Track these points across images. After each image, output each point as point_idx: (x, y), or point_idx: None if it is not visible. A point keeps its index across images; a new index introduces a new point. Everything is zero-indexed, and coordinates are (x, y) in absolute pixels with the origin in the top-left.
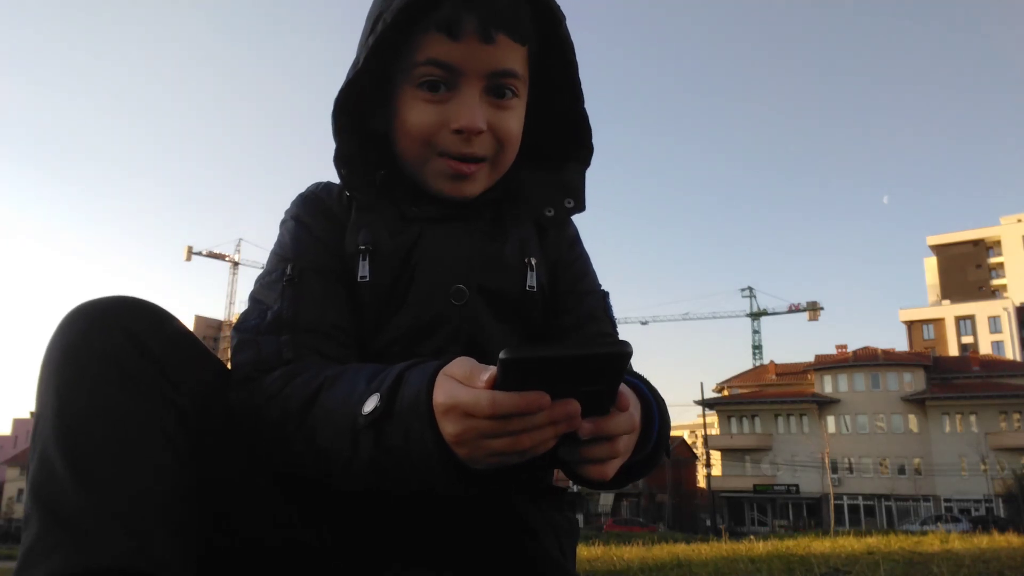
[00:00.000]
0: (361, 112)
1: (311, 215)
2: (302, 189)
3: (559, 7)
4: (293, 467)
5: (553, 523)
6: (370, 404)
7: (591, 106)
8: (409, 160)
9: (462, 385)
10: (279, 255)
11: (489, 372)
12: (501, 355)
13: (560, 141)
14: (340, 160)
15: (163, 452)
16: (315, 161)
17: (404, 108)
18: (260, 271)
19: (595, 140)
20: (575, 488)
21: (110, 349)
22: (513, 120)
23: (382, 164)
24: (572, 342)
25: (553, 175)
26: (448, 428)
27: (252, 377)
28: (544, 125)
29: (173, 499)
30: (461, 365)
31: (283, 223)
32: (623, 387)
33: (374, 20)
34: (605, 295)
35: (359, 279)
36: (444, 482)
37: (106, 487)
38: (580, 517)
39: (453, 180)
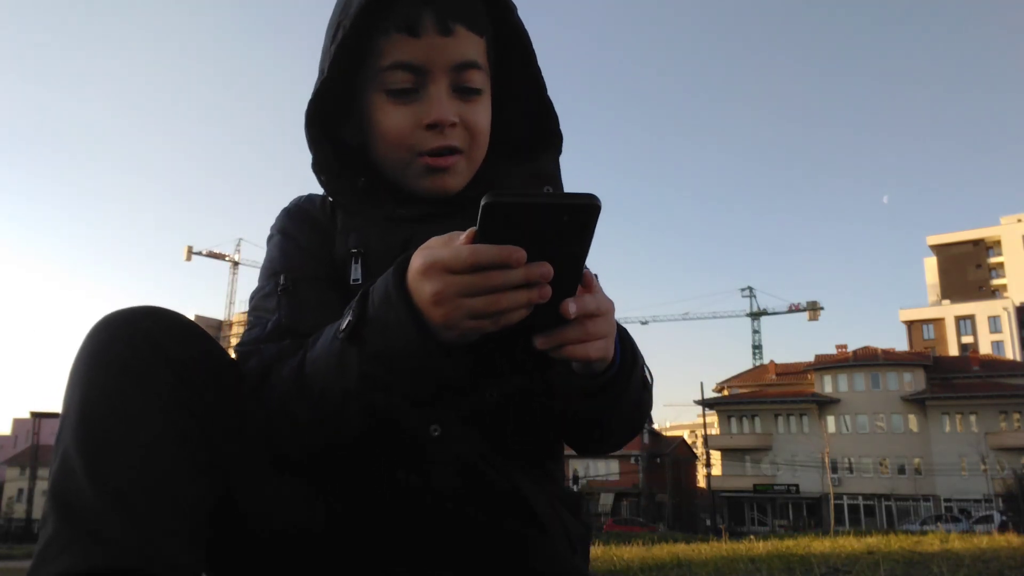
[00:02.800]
0: (334, 122)
1: (296, 227)
2: (300, 188)
3: None
4: (304, 445)
5: (566, 526)
6: (344, 322)
7: (594, 105)
8: (389, 166)
9: (441, 247)
10: (269, 270)
11: (466, 233)
12: (484, 200)
13: (531, 132)
14: (318, 167)
15: (180, 458)
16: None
17: (376, 114)
18: (255, 286)
19: (597, 139)
20: (576, 488)
21: (133, 357)
22: (481, 112)
23: (361, 172)
24: (547, 192)
25: (529, 165)
26: (426, 288)
27: (259, 384)
28: (513, 117)
29: (187, 504)
30: (437, 237)
31: (269, 238)
32: (589, 273)
33: (334, 29)
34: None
35: (352, 282)
36: (429, 362)
37: (123, 490)
38: None
39: (433, 175)
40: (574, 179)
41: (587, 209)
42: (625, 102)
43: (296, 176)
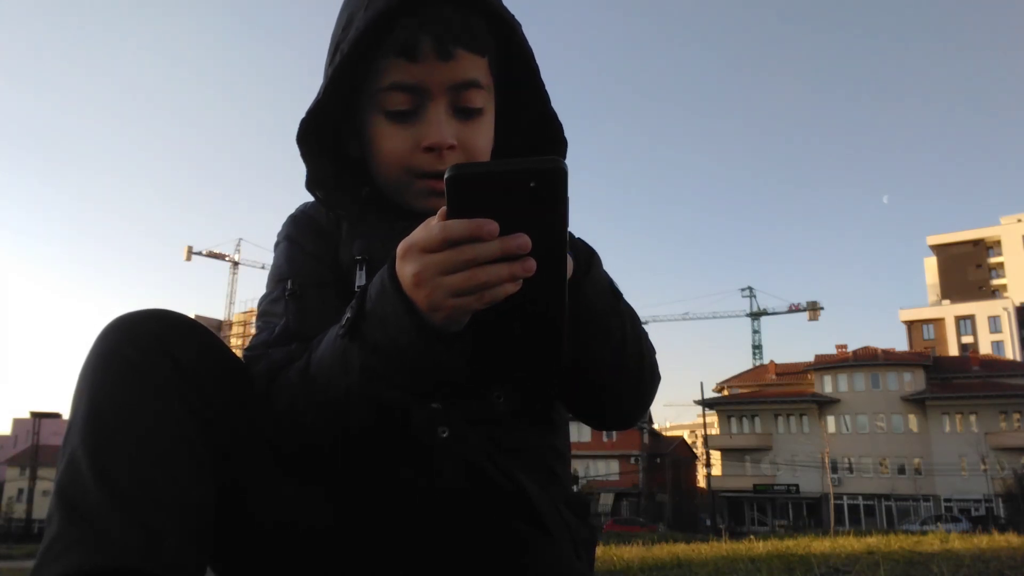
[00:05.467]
0: (335, 135)
1: (302, 234)
2: (300, 189)
3: (512, 16)
4: (312, 445)
5: (571, 529)
6: (344, 319)
7: (597, 104)
8: (388, 185)
9: (417, 230)
10: (276, 277)
11: (439, 212)
12: (446, 174)
13: (534, 138)
14: (313, 184)
15: (185, 459)
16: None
17: (375, 135)
18: (263, 292)
19: (598, 138)
20: (577, 487)
21: (141, 359)
22: (481, 136)
23: (363, 183)
24: (512, 160)
25: None
26: (406, 270)
27: (267, 387)
28: (517, 124)
29: (193, 504)
30: (420, 226)
31: (276, 245)
32: None
33: (333, 50)
34: None
35: (357, 289)
36: (426, 350)
37: (127, 490)
38: None
39: (432, 196)
40: (576, 180)
41: (552, 173)
42: (626, 104)
43: (296, 177)
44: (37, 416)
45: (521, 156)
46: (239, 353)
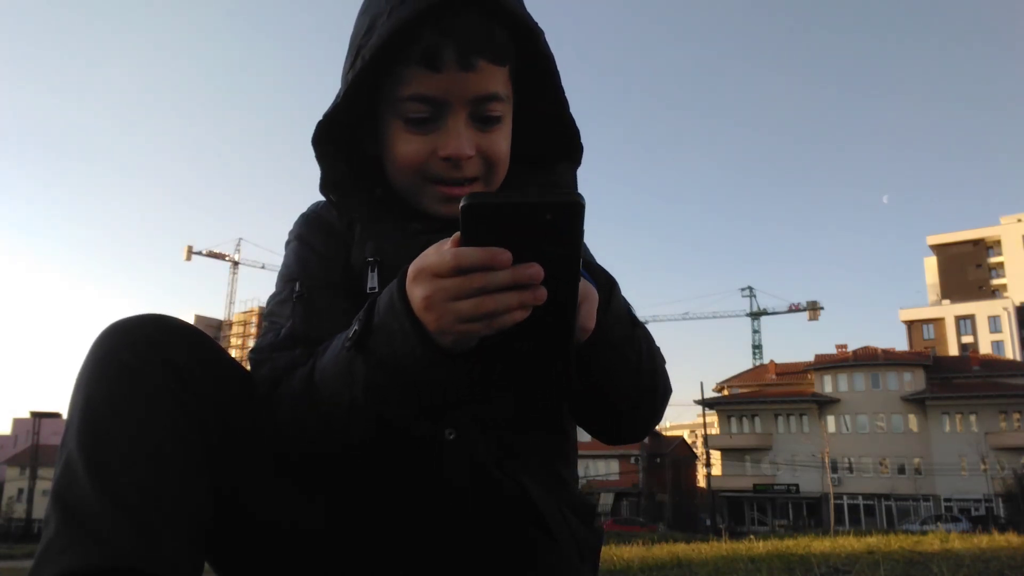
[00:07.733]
0: (351, 135)
1: (313, 234)
2: (300, 189)
3: (535, 24)
4: (314, 452)
5: (575, 533)
6: (351, 331)
7: (597, 106)
8: (402, 189)
9: (429, 253)
10: (286, 276)
11: (452, 238)
12: (462, 202)
13: (550, 143)
14: (327, 186)
15: (181, 460)
16: (316, 162)
17: (392, 140)
18: (273, 291)
19: (598, 139)
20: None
21: (137, 363)
22: (500, 141)
23: (377, 183)
24: (528, 191)
25: (546, 176)
26: (416, 293)
27: (270, 393)
28: (533, 129)
29: (188, 505)
30: (432, 246)
31: (287, 244)
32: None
33: (354, 55)
34: None
35: (368, 291)
36: (433, 370)
37: (123, 491)
38: None
39: (447, 203)
40: (582, 180)
41: (569, 207)
42: (625, 103)
43: (296, 177)
44: (37, 416)
45: (537, 183)
46: (240, 354)
